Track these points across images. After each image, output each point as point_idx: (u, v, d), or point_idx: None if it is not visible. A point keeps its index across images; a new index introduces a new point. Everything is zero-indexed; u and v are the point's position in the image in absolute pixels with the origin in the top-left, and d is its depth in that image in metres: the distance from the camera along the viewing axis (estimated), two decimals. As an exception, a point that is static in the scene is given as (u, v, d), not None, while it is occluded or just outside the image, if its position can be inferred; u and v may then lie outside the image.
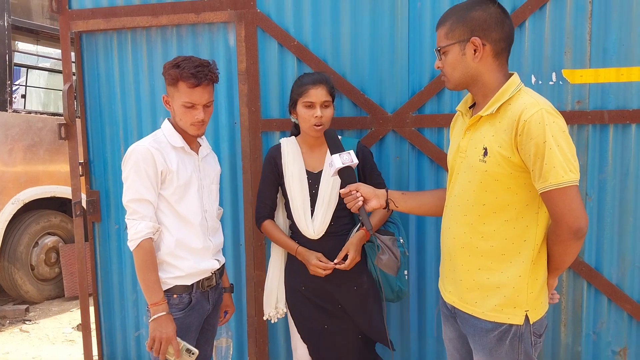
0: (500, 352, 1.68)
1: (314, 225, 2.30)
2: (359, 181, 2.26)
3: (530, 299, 1.65)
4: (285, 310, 2.46)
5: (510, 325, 1.66)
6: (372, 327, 2.33)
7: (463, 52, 1.66)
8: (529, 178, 1.60)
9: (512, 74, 1.70)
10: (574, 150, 1.57)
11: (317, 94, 2.23)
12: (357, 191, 1.91)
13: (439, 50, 1.72)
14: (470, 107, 1.83)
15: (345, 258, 2.25)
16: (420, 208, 2.05)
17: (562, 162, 1.52)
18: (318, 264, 2.24)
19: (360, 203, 1.90)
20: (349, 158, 1.93)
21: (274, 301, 2.47)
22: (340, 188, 1.98)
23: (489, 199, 1.66)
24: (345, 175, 1.94)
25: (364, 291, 2.33)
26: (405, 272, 2.37)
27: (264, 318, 2.51)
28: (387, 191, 1.97)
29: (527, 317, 1.65)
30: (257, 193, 2.45)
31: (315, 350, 2.37)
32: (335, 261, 2.25)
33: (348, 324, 2.34)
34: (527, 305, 1.65)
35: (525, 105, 1.56)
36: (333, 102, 2.31)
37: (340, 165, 1.91)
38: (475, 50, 1.64)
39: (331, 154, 1.98)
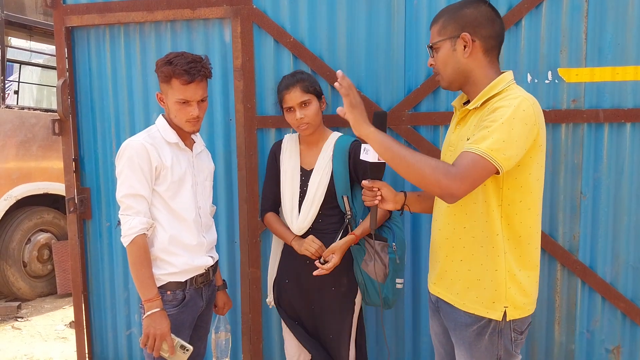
0: (480, 346, 1.69)
1: (297, 222, 2.31)
2: (350, 179, 2.29)
3: (510, 295, 1.65)
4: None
5: (490, 320, 1.67)
6: (337, 335, 2.32)
7: (454, 47, 1.68)
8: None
9: (505, 72, 1.71)
10: (522, 142, 1.54)
11: (292, 97, 2.23)
12: (379, 189, 1.85)
13: (431, 47, 1.74)
14: (465, 104, 1.84)
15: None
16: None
17: (500, 140, 1.50)
18: (310, 243, 2.24)
19: (377, 202, 1.86)
20: None
21: (270, 289, 2.55)
22: (364, 179, 1.87)
23: None
24: (376, 170, 1.84)
25: (341, 294, 2.32)
26: (400, 281, 2.30)
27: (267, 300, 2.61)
28: (405, 196, 1.93)
29: (505, 314, 1.65)
30: (262, 187, 2.51)
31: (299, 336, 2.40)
32: (322, 260, 2.24)
33: (319, 329, 2.36)
34: (506, 301, 1.65)
35: (510, 95, 1.59)
36: (319, 95, 2.27)
37: (375, 161, 1.78)
38: (465, 46, 1.66)
39: None
